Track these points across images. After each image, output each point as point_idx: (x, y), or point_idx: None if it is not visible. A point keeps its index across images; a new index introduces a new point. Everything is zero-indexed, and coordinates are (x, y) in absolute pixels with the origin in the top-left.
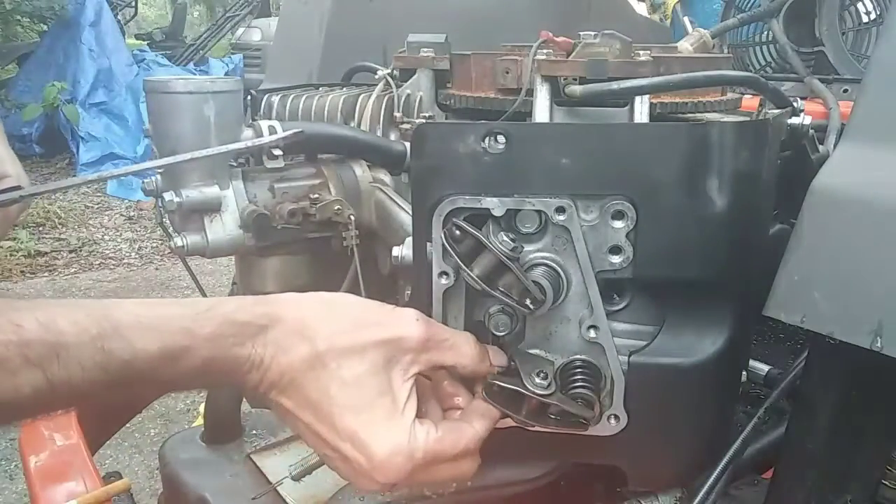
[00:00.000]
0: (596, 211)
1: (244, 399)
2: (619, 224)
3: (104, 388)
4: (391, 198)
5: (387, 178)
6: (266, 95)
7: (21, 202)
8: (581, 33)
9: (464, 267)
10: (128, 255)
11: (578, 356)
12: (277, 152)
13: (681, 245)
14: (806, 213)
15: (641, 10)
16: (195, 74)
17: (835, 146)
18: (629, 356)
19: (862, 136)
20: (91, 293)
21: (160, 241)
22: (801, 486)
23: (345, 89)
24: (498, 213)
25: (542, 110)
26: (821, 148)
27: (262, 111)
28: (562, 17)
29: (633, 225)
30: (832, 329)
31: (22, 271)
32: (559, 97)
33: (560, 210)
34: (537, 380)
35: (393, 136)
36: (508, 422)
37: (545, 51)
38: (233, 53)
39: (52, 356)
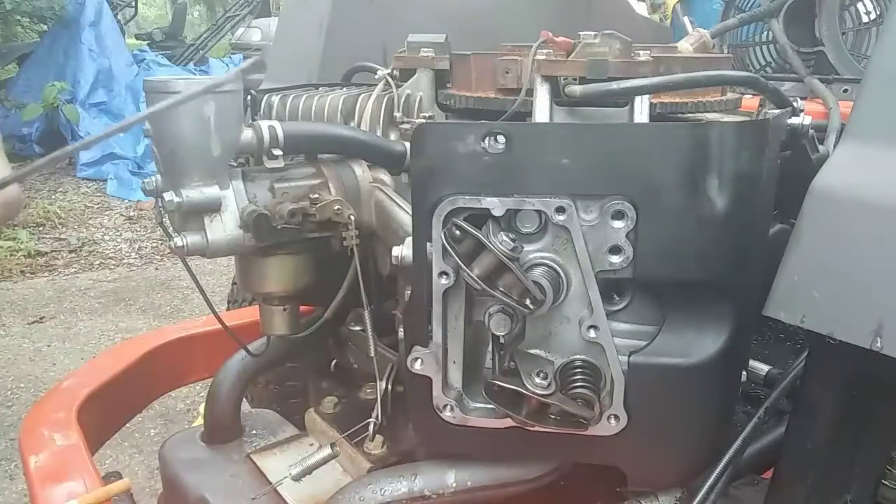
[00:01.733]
0: (596, 211)
1: (244, 399)
2: (619, 224)
3: None
4: (391, 198)
5: (387, 178)
6: (266, 95)
7: None
8: (581, 33)
9: (464, 267)
10: (128, 255)
11: (578, 356)
12: (277, 152)
13: (681, 245)
14: (806, 213)
15: (641, 10)
16: (195, 74)
17: (835, 146)
18: (629, 356)
19: (862, 136)
20: (91, 293)
21: (160, 241)
22: (801, 486)
23: (345, 89)
24: (498, 213)
25: (542, 110)
26: (821, 148)
27: (262, 111)
28: (562, 17)
29: (633, 225)
30: (832, 329)
31: (22, 271)
32: (559, 97)
33: (560, 210)
34: (537, 380)
35: (393, 136)
36: (508, 422)
37: (545, 51)
38: (233, 53)
39: None
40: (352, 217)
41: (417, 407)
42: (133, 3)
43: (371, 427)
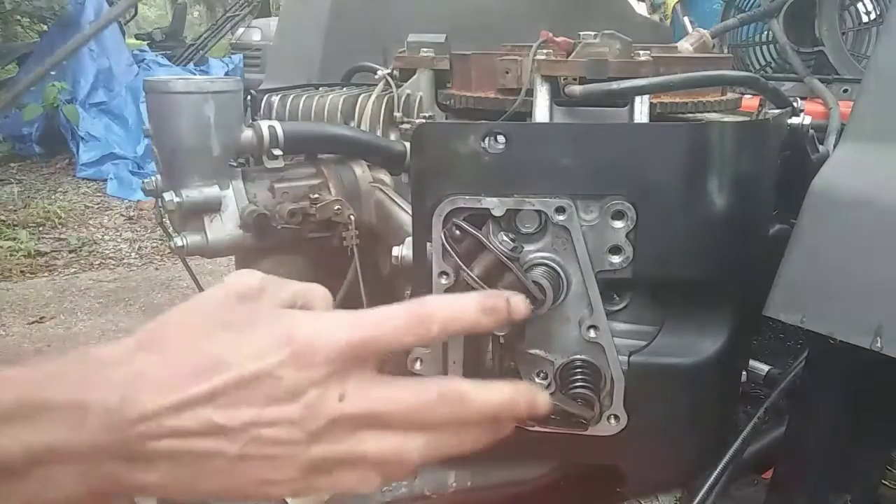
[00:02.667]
0: (596, 211)
1: None
2: (619, 224)
3: None
4: (391, 198)
5: (387, 178)
6: (266, 95)
7: None
8: (581, 33)
9: (464, 267)
10: (128, 255)
11: (578, 356)
12: (277, 152)
13: (681, 245)
14: (806, 213)
15: (641, 10)
16: (195, 74)
17: (835, 146)
18: (629, 356)
19: (862, 136)
20: (91, 293)
21: (160, 241)
22: (801, 486)
23: (345, 89)
24: (498, 213)
25: (542, 110)
26: (821, 148)
27: (262, 111)
28: (562, 17)
29: (633, 225)
30: (832, 329)
31: (22, 271)
32: (559, 97)
33: (560, 210)
34: (537, 380)
35: (393, 136)
36: None
37: (545, 51)
38: (233, 53)
39: None
40: (352, 217)
41: None
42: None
43: None
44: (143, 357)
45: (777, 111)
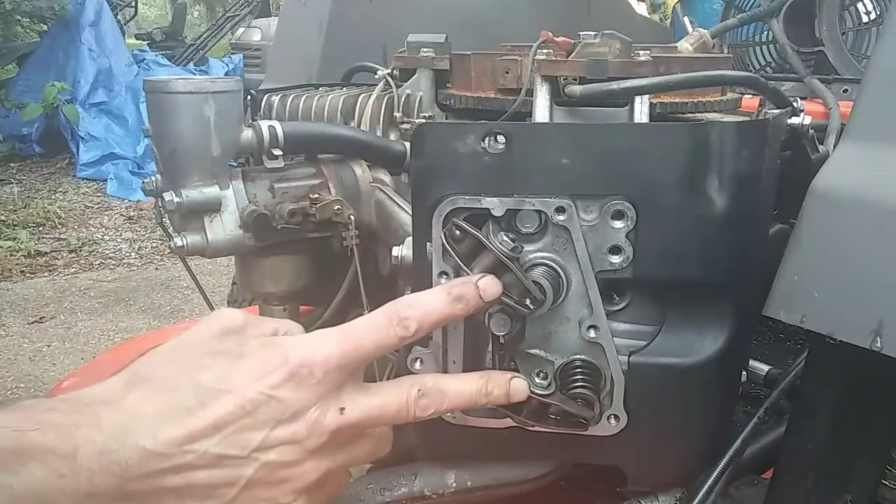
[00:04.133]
0: (596, 211)
1: None
2: (619, 224)
3: None
4: (391, 198)
5: (387, 178)
6: (266, 95)
7: None
8: (581, 33)
9: (464, 267)
10: (128, 255)
11: (578, 356)
12: (277, 152)
13: (681, 245)
14: (806, 213)
15: (641, 10)
16: (195, 74)
17: (835, 146)
18: (629, 356)
19: (862, 136)
20: (91, 293)
21: (160, 241)
22: (801, 486)
23: (345, 89)
24: (498, 213)
25: (542, 110)
26: (821, 148)
27: (262, 111)
28: (562, 17)
29: (633, 225)
30: (832, 329)
31: (22, 271)
32: (559, 97)
33: (560, 210)
34: (537, 380)
35: (393, 136)
36: (508, 422)
37: (545, 51)
38: (233, 53)
39: None
40: (352, 217)
41: None
42: (133, 3)
43: None
44: (135, 395)
45: (777, 111)
